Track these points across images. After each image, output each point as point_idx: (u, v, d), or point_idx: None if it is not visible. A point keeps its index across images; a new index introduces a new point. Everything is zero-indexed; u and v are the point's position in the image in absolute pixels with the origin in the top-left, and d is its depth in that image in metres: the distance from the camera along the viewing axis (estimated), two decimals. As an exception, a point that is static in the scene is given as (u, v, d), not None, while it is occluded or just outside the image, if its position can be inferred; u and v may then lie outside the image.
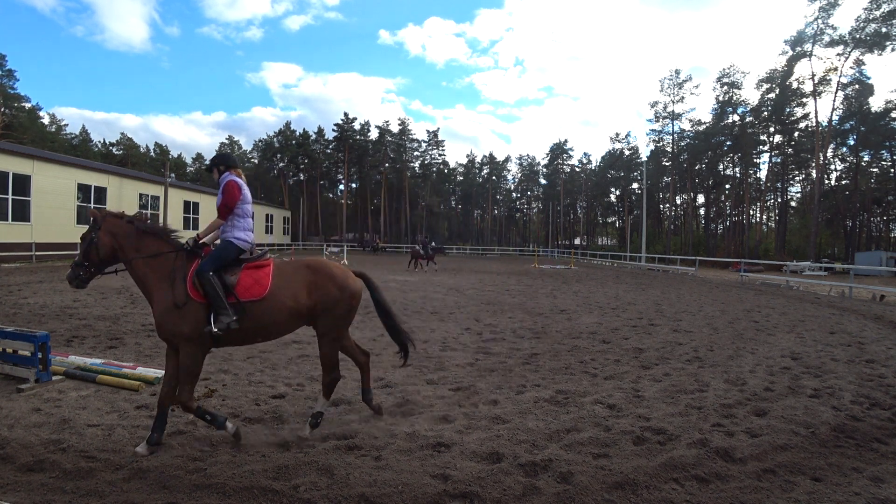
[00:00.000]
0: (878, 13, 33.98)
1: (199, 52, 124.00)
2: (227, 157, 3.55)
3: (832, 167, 47.37)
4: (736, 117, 48.91)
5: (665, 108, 53.92)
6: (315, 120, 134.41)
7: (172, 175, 37.04)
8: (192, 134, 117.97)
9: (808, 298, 13.94)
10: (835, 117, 40.14)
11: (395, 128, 67.92)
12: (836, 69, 37.58)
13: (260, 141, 72.77)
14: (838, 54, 37.35)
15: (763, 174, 51.30)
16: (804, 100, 41.74)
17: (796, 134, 44.55)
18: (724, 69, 50.03)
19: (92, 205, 24.08)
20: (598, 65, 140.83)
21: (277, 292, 3.25)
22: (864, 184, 43.62)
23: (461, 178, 74.32)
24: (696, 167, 53.34)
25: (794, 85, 41.60)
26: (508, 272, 23.30)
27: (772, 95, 44.65)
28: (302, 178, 69.96)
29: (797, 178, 51.31)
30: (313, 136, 69.81)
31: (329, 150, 70.13)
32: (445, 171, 71.97)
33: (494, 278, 18.95)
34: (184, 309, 3.05)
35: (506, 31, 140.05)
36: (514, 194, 76.53)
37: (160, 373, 4.62)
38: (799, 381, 5.06)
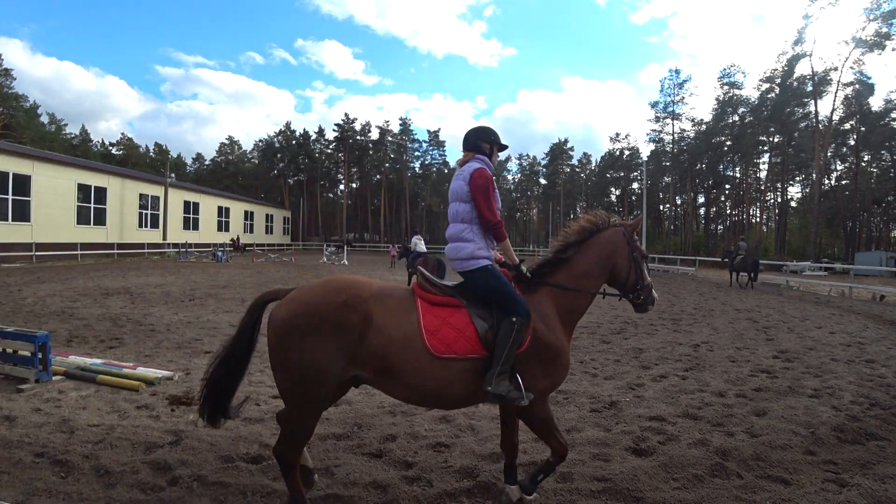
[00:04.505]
0: (878, 12, 33.93)
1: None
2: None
3: (832, 167, 47.34)
4: (736, 117, 48.86)
5: (665, 107, 53.86)
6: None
7: (173, 175, 36.97)
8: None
9: (808, 298, 13.94)
10: (835, 117, 40.09)
11: (395, 127, 67.97)
12: (836, 69, 37.53)
13: (260, 141, 72.72)
14: (838, 54, 37.34)
15: (763, 174, 51.29)
16: (804, 100, 41.69)
17: (796, 134, 44.48)
18: (724, 69, 50.03)
19: (92, 205, 24.02)
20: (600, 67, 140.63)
21: None
22: (864, 184, 43.57)
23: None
24: (697, 167, 53.27)
25: (795, 85, 41.57)
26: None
27: (772, 95, 44.62)
28: (302, 178, 69.86)
29: (797, 178, 51.28)
30: (314, 136, 69.79)
31: (329, 151, 70.07)
32: (445, 171, 71.91)
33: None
34: None
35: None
36: (513, 194, 76.43)
37: (160, 373, 4.61)
38: (799, 381, 5.06)
